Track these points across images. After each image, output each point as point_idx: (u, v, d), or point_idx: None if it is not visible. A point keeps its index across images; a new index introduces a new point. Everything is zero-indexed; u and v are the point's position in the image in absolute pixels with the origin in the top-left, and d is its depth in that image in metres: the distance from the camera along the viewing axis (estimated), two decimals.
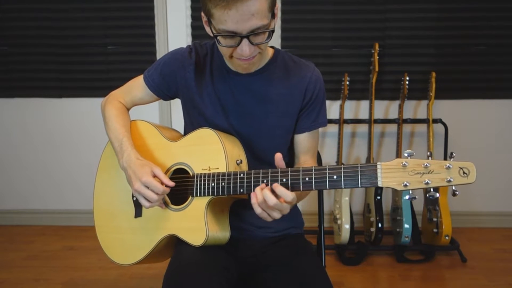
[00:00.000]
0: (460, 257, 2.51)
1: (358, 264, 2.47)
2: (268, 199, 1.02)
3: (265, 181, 1.09)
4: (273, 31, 1.10)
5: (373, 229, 2.53)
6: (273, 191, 1.04)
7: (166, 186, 1.16)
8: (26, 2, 2.85)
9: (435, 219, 2.49)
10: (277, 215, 1.06)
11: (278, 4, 2.71)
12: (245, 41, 1.07)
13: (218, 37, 1.09)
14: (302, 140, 1.32)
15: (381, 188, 2.58)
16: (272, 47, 1.33)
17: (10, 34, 2.91)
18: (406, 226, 2.46)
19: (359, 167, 0.99)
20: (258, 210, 1.05)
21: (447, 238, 2.46)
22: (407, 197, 0.97)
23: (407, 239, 2.47)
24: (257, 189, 1.05)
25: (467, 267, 2.44)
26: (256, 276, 1.24)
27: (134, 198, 1.29)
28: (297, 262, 1.20)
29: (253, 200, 1.05)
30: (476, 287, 2.24)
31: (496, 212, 2.95)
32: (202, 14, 1.14)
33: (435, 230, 2.49)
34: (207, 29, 1.18)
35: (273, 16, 1.10)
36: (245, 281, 1.25)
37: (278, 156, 1.07)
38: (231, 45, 1.10)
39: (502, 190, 2.92)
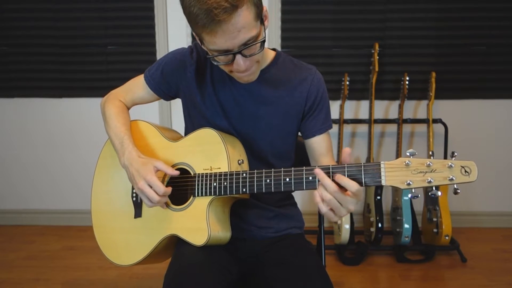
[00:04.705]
0: (460, 257, 2.51)
1: (358, 264, 2.47)
2: (349, 185, 0.97)
3: (267, 180, 1.09)
4: (264, 41, 1.09)
5: (373, 229, 2.53)
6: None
7: (170, 181, 1.16)
8: (26, 2, 2.85)
9: (435, 219, 2.50)
10: (351, 206, 0.99)
11: (278, 4, 2.72)
12: (238, 56, 1.07)
13: (213, 57, 1.10)
14: (318, 142, 1.30)
15: (381, 187, 2.58)
16: (273, 49, 1.33)
17: (10, 34, 2.90)
18: (406, 226, 2.46)
19: (362, 166, 0.99)
20: (332, 201, 0.98)
21: (447, 238, 2.46)
22: (409, 195, 0.97)
23: (407, 239, 2.47)
24: (323, 178, 0.98)
25: (467, 267, 2.45)
26: (257, 276, 1.24)
27: (134, 198, 1.29)
28: (297, 262, 1.20)
29: (322, 191, 0.99)
30: (476, 287, 2.24)
31: (496, 212, 2.95)
32: (194, 34, 1.14)
33: (435, 230, 2.49)
34: (202, 46, 1.17)
35: (262, 22, 1.09)
36: (245, 281, 1.25)
37: (346, 152, 1.01)
38: (227, 62, 1.10)
39: (502, 190, 2.92)
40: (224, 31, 1.00)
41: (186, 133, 1.37)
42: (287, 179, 1.07)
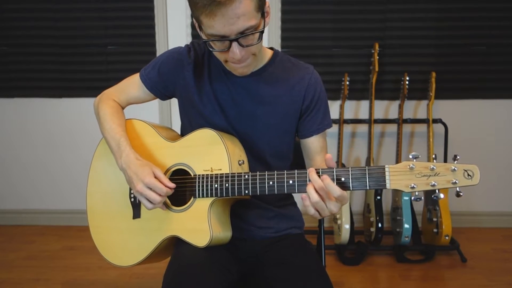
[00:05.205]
0: (460, 257, 2.51)
1: (358, 264, 2.47)
2: (332, 189, 0.99)
3: (270, 182, 1.09)
4: (262, 32, 1.10)
5: (373, 229, 2.53)
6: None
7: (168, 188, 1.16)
8: (26, 2, 2.85)
9: (435, 219, 2.50)
10: (334, 208, 1.03)
11: (278, 4, 2.72)
12: (235, 44, 1.07)
13: (209, 42, 1.10)
14: (313, 142, 1.31)
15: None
16: (271, 48, 1.32)
17: (10, 34, 2.90)
18: (406, 226, 2.46)
19: (367, 170, 1.00)
20: (315, 197, 1.01)
21: (447, 238, 2.46)
22: (412, 198, 0.99)
23: (407, 239, 2.47)
24: (312, 176, 1.01)
25: (467, 267, 2.45)
26: (257, 276, 1.24)
27: (132, 199, 1.29)
28: (297, 262, 1.20)
29: (310, 187, 1.02)
30: (476, 287, 2.24)
31: (496, 212, 2.95)
32: (194, 20, 1.14)
33: (435, 230, 2.49)
34: (200, 33, 1.18)
35: (263, 15, 1.09)
36: (245, 281, 1.25)
37: (328, 157, 1.05)
38: (222, 49, 1.10)
39: (502, 190, 2.92)
40: (223, 15, 1.01)
41: (183, 133, 1.36)
42: (291, 181, 1.07)
